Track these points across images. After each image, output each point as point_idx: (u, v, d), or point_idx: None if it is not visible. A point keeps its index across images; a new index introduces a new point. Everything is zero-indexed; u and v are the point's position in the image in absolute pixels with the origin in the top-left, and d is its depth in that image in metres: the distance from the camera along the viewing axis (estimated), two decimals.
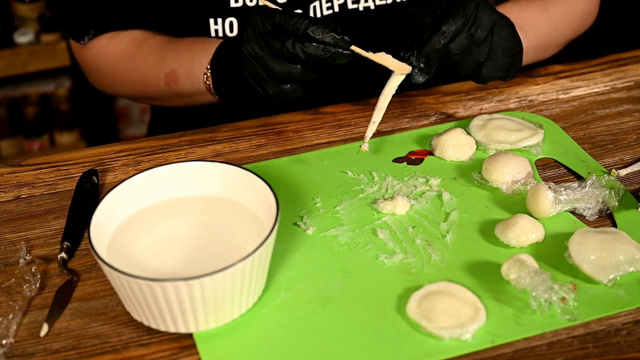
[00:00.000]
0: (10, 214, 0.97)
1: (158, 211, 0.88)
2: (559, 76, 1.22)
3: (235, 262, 0.76)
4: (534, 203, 0.92)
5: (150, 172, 0.88)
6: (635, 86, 1.19)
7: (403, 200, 0.94)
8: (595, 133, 1.09)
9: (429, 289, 0.83)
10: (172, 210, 0.88)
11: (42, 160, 1.06)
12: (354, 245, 0.90)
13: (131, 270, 0.77)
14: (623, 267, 0.85)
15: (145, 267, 0.81)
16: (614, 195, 0.94)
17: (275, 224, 0.79)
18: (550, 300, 0.81)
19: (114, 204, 0.85)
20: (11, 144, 2.55)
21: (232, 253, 0.80)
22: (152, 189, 0.88)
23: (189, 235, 0.87)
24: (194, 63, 1.09)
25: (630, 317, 0.81)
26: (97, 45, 1.18)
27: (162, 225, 0.87)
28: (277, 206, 0.81)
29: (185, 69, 1.10)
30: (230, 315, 0.80)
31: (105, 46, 1.18)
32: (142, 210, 0.87)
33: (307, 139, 1.09)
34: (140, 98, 1.24)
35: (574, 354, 0.78)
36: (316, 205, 0.96)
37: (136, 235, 0.85)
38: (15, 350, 0.79)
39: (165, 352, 0.79)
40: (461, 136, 1.03)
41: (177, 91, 1.13)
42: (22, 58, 2.37)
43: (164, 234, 0.87)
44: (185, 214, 0.88)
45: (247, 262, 0.76)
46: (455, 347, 0.78)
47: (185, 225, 0.88)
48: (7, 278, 0.87)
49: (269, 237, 0.78)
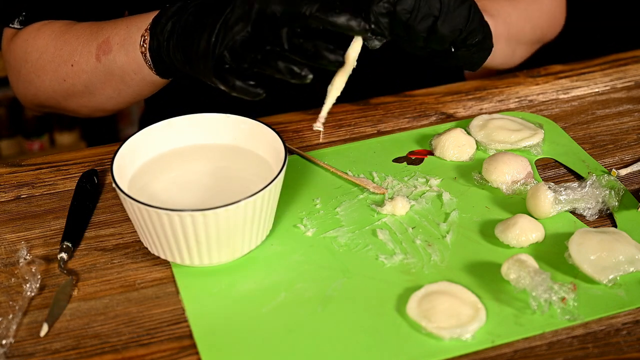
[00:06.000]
0: (10, 214, 0.97)
1: (176, 156, 0.94)
2: (559, 76, 1.22)
3: (247, 196, 0.82)
4: (534, 203, 0.92)
5: (168, 122, 0.94)
6: (635, 86, 1.19)
7: (403, 200, 0.94)
8: (595, 133, 1.09)
9: (429, 289, 0.83)
10: (189, 156, 0.94)
11: (42, 160, 1.06)
12: (354, 246, 0.90)
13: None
14: (623, 267, 0.85)
15: (163, 203, 0.84)
16: (614, 195, 0.94)
17: (283, 166, 0.86)
18: (550, 300, 0.81)
19: (135, 147, 0.91)
20: (11, 144, 2.56)
21: (244, 192, 0.84)
22: (170, 137, 0.94)
23: (204, 178, 0.92)
24: (130, 29, 0.99)
25: (630, 317, 0.81)
26: (28, 31, 1.09)
27: (180, 168, 0.93)
28: (285, 152, 0.88)
29: (120, 36, 1.00)
30: (240, 249, 0.87)
31: (37, 30, 1.09)
32: (161, 155, 0.94)
33: (307, 139, 1.09)
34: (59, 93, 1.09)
35: (574, 354, 0.78)
36: (316, 207, 0.96)
37: (155, 177, 0.91)
38: (15, 350, 0.79)
39: (165, 352, 0.79)
40: (461, 136, 1.03)
41: (107, 66, 1.02)
42: None
43: (181, 176, 0.92)
44: (201, 159, 0.94)
45: (257, 197, 0.83)
46: (455, 347, 0.78)
47: (200, 169, 0.93)
48: (7, 278, 0.87)
49: (277, 176, 0.85)
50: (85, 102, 1.09)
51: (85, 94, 1.07)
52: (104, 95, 1.07)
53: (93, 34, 1.03)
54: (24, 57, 1.10)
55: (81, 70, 1.04)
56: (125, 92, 1.05)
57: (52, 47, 1.07)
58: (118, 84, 1.04)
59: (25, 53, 1.09)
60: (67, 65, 1.05)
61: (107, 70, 1.02)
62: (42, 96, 1.12)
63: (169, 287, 0.86)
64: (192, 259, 0.86)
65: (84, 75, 1.05)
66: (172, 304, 0.84)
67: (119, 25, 1.01)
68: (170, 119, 0.94)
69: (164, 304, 0.84)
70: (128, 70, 1.01)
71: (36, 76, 1.09)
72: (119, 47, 1.00)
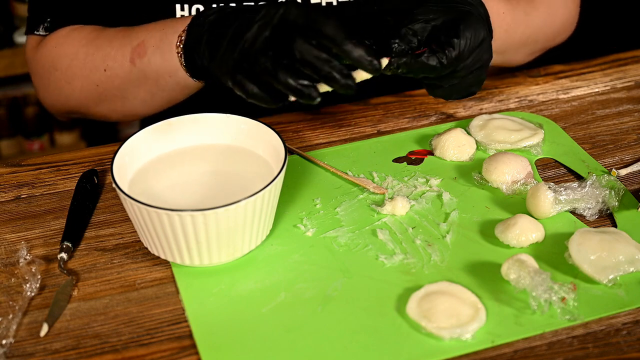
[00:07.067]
0: (10, 214, 0.97)
1: (176, 156, 0.94)
2: (559, 76, 1.22)
3: (247, 196, 0.82)
4: (534, 203, 0.92)
5: (168, 122, 0.94)
6: (635, 86, 1.19)
7: (403, 201, 0.94)
8: (595, 133, 1.09)
9: (428, 289, 0.83)
10: (189, 156, 0.95)
11: (42, 160, 1.06)
12: (354, 246, 0.90)
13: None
14: (623, 267, 0.85)
15: (163, 203, 0.84)
16: (614, 195, 0.94)
17: (283, 166, 0.86)
18: (550, 300, 0.81)
19: (135, 147, 0.91)
20: (11, 144, 2.55)
21: (244, 192, 0.84)
22: (170, 137, 0.94)
23: (204, 178, 0.92)
24: (166, 31, 0.99)
25: (630, 317, 0.81)
26: (55, 37, 1.09)
27: (180, 168, 0.93)
28: (285, 152, 0.88)
29: (156, 39, 1.00)
30: (240, 249, 0.87)
31: (65, 36, 1.08)
32: (161, 155, 0.94)
33: (307, 139, 1.09)
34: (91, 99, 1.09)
35: (574, 354, 0.78)
36: (316, 207, 0.96)
37: (155, 177, 0.91)
38: (15, 350, 0.79)
39: (165, 352, 0.79)
40: (461, 136, 1.03)
41: (142, 69, 1.02)
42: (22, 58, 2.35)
43: (181, 176, 0.92)
44: (201, 159, 0.94)
45: (257, 197, 0.83)
46: (455, 347, 0.78)
47: (201, 169, 0.93)
48: (7, 278, 0.87)
49: (277, 176, 0.85)
50: (117, 107, 1.09)
51: (119, 98, 1.07)
52: (138, 99, 1.06)
53: (126, 37, 1.03)
54: (53, 65, 1.09)
55: (115, 75, 1.04)
56: (159, 96, 1.05)
57: (82, 54, 1.06)
58: (152, 88, 1.03)
59: (54, 60, 1.09)
60: (100, 70, 1.05)
61: (141, 73, 1.02)
62: (72, 103, 1.11)
63: (169, 287, 0.86)
64: (192, 259, 0.86)
65: (118, 80, 1.04)
66: (172, 304, 0.84)
67: (153, 29, 1.01)
68: (170, 119, 0.94)
69: (164, 304, 0.84)
70: (162, 73, 1.00)
71: (67, 83, 1.08)
72: (154, 50, 1.00)
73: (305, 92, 0.84)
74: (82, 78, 1.07)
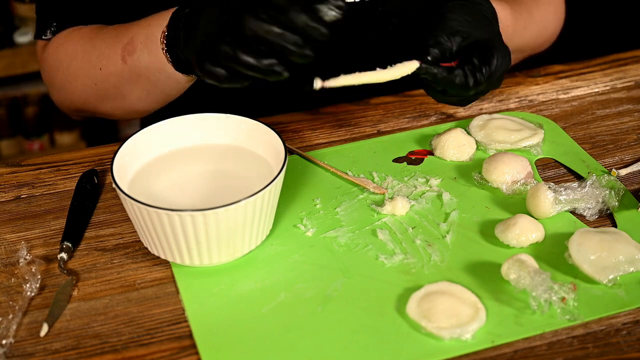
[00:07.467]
0: (10, 214, 0.97)
1: (176, 156, 0.94)
2: (559, 76, 1.22)
3: (247, 196, 0.82)
4: (534, 203, 0.92)
5: (168, 122, 0.94)
6: (635, 86, 1.19)
7: (403, 201, 0.94)
8: (595, 133, 1.09)
9: (428, 289, 0.83)
10: (189, 156, 0.95)
11: (42, 160, 1.06)
12: (354, 246, 0.90)
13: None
14: (623, 267, 0.85)
15: (163, 203, 0.84)
16: (614, 195, 0.94)
17: (283, 166, 0.86)
18: (550, 300, 0.81)
19: (135, 147, 0.91)
20: (11, 144, 2.55)
21: (244, 192, 0.84)
22: (170, 137, 0.94)
23: (204, 178, 0.92)
24: (152, 27, 0.98)
25: (630, 317, 0.81)
26: (57, 38, 1.10)
27: (180, 168, 0.93)
28: (285, 152, 0.88)
29: (143, 35, 0.99)
30: (240, 249, 0.87)
31: (65, 37, 1.09)
32: (161, 155, 0.94)
33: (307, 139, 1.09)
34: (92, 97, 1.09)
35: (574, 354, 0.78)
36: (316, 207, 0.96)
37: (155, 177, 0.91)
38: (15, 350, 0.79)
39: (165, 352, 0.79)
40: (461, 136, 1.03)
41: (133, 67, 1.00)
42: (22, 58, 2.36)
43: (181, 176, 0.92)
44: (201, 159, 0.94)
45: (257, 197, 0.83)
46: (455, 347, 0.78)
47: (201, 169, 0.93)
48: (7, 278, 0.87)
49: (277, 176, 0.85)
50: (117, 104, 1.08)
51: (117, 96, 1.06)
52: (134, 96, 1.06)
53: (119, 35, 1.03)
54: (56, 65, 1.10)
55: (109, 73, 1.04)
56: (154, 92, 1.04)
57: (81, 53, 1.07)
58: (145, 84, 1.02)
59: (57, 61, 1.10)
60: (96, 69, 1.05)
61: (133, 71, 1.01)
62: (77, 101, 1.11)
63: (169, 287, 0.86)
64: (192, 259, 0.86)
65: (113, 78, 1.04)
66: (172, 304, 0.84)
67: (141, 25, 1.00)
68: (171, 119, 0.94)
69: (164, 304, 0.84)
70: (152, 70, 0.99)
71: (68, 82, 1.09)
72: (142, 47, 0.99)
73: (269, 70, 0.80)
74: (81, 77, 1.07)
